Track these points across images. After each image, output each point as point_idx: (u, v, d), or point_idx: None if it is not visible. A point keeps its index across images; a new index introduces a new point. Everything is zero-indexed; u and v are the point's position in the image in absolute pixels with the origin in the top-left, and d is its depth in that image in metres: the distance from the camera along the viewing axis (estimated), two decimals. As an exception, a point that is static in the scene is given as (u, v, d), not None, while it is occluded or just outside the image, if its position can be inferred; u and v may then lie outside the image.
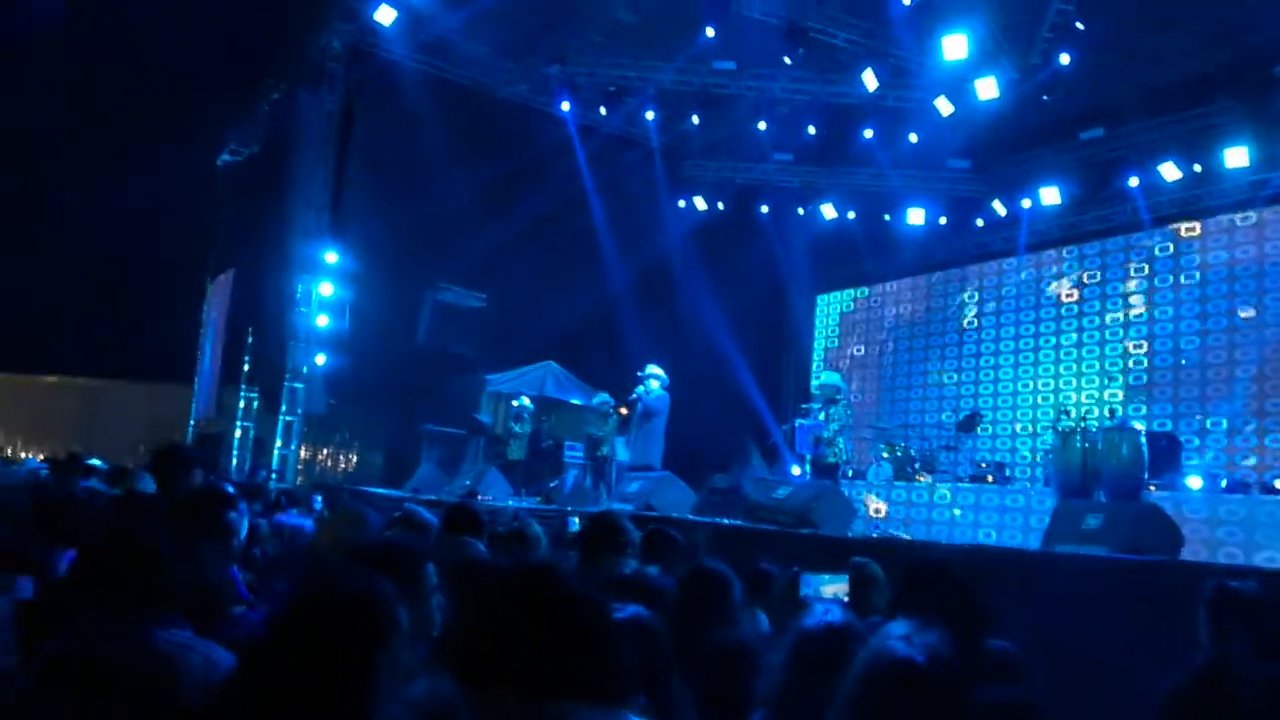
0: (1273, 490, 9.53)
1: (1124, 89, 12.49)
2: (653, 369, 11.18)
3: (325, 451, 14.60)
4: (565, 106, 13.96)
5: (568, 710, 1.27)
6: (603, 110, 14.07)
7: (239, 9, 13.63)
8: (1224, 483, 9.83)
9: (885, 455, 12.78)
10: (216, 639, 2.23)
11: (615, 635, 1.34)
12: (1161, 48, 11.79)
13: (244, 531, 3.11)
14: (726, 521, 9.09)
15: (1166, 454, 9.93)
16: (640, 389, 11.12)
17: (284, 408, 13.21)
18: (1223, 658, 2.76)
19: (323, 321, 13.34)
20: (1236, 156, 11.68)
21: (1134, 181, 12.98)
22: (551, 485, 12.67)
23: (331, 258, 13.40)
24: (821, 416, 10.02)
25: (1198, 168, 12.34)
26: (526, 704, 1.26)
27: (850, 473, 12.31)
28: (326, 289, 13.39)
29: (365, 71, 13.29)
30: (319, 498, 7.40)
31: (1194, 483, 9.66)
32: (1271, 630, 2.73)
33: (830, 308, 17.90)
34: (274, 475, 12.33)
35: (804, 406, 11.33)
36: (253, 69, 14.97)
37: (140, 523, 2.58)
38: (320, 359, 13.32)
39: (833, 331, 17.79)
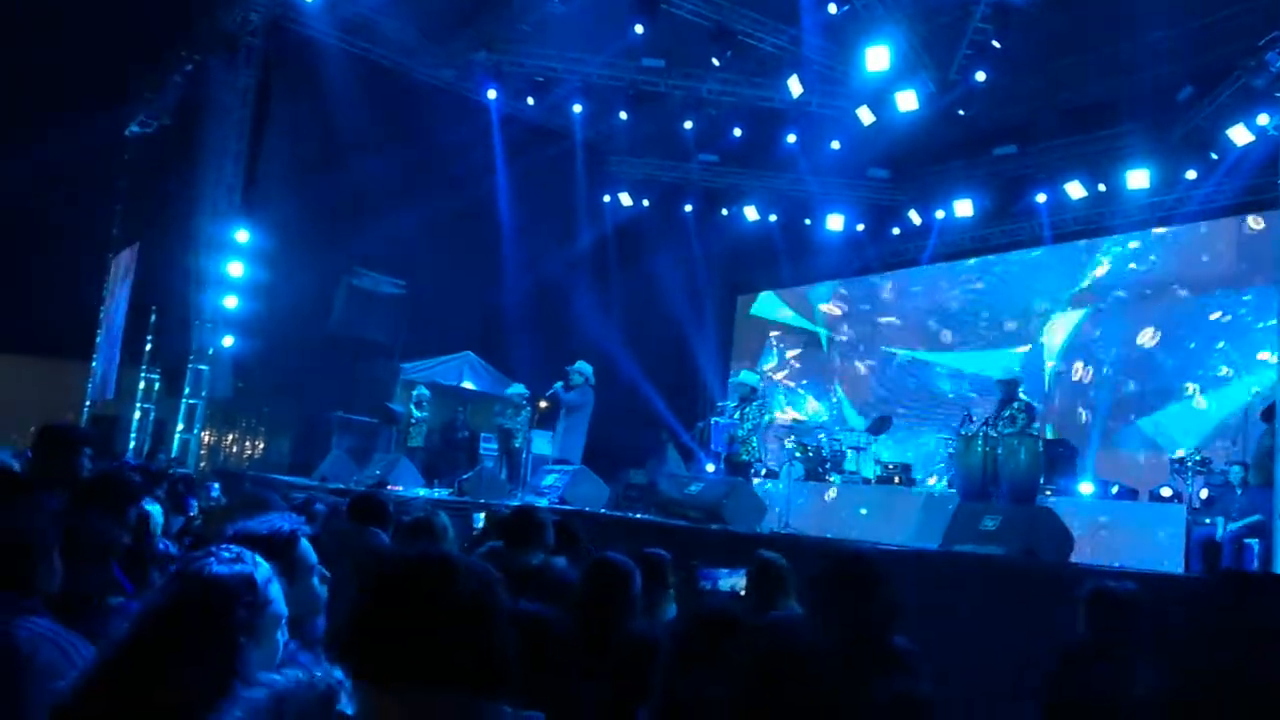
0: (1158, 498, 9.99)
1: (1037, 108, 12.95)
2: (580, 365, 11.16)
3: (230, 437, 14.13)
4: (491, 94, 13.75)
5: (451, 700, 1.25)
6: (529, 100, 13.91)
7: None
8: (1114, 489, 10.25)
9: (797, 455, 12.98)
10: (92, 629, 2.13)
11: (504, 625, 1.32)
12: (1074, 71, 12.28)
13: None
14: (638, 516, 9.15)
15: (1063, 460, 10.33)
16: (559, 384, 11.08)
17: (187, 390, 12.74)
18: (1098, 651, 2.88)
19: (231, 302, 12.90)
20: (1138, 179, 12.21)
21: (1041, 198, 13.47)
22: (465, 477, 12.52)
23: (242, 236, 12.97)
24: (736, 415, 10.12)
25: (1102, 187, 12.85)
26: (406, 692, 1.24)
27: (763, 471, 12.49)
28: (236, 269, 12.95)
29: (284, 47, 12.87)
30: (216, 484, 7.16)
31: (1085, 488, 10.05)
32: (1143, 629, 2.86)
33: (748, 308, 18.11)
34: (173, 460, 11.88)
35: (719, 405, 11.46)
36: (167, 38, 14.37)
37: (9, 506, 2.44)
38: (228, 341, 12.89)
39: (750, 331, 18.00)
